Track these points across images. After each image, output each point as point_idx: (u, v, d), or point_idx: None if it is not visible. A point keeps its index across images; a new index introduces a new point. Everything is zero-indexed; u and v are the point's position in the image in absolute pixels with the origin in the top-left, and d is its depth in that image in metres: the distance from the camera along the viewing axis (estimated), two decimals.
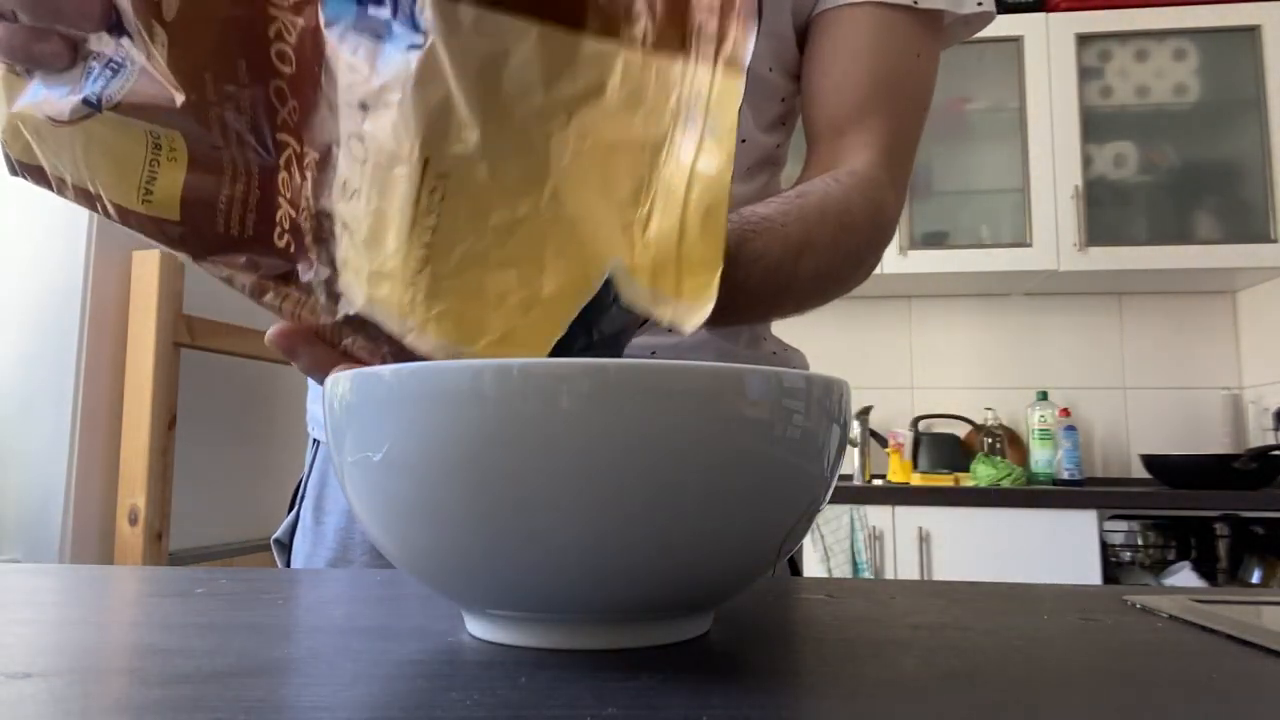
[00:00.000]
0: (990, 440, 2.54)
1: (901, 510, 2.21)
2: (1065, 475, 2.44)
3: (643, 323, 0.34)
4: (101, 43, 0.35)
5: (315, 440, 0.73)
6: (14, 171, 0.39)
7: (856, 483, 2.48)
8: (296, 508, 0.72)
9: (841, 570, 2.19)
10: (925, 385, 2.79)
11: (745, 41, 0.27)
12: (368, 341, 0.34)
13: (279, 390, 1.72)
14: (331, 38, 0.30)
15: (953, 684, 0.26)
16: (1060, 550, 2.13)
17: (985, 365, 2.77)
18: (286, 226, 0.35)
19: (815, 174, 0.60)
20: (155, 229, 0.36)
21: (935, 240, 2.54)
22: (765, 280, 0.48)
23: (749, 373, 0.27)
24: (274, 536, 0.72)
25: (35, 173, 0.38)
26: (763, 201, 0.52)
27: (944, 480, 2.39)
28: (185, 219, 0.36)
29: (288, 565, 0.71)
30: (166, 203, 0.36)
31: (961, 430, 2.68)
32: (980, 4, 0.65)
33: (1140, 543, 2.37)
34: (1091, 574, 2.12)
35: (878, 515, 2.21)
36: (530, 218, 0.30)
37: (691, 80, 0.28)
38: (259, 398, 1.67)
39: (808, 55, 0.65)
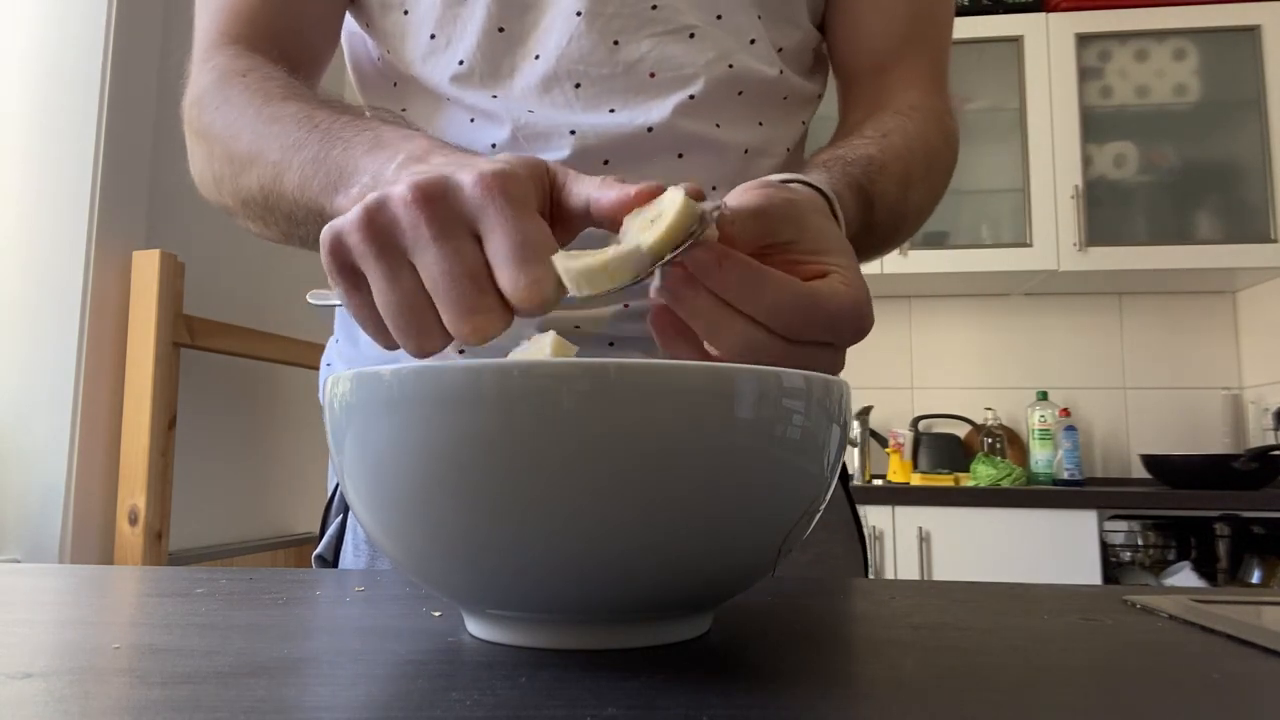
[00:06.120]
0: (990, 440, 2.53)
1: (901, 510, 2.21)
2: (1065, 475, 2.44)
3: None
4: None
5: None
6: None
7: (856, 483, 2.48)
8: (337, 520, 0.66)
9: None
10: (925, 385, 2.78)
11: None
12: None
13: (279, 390, 1.72)
14: None
15: (953, 684, 0.26)
16: (1060, 550, 2.13)
17: (985, 365, 2.77)
18: None
19: (860, 112, 0.64)
20: None
21: (935, 240, 2.54)
22: (888, 217, 0.54)
23: (748, 372, 0.27)
24: (315, 553, 0.66)
25: None
26: (853, 144, 0.56)
27: (944, 480, 2.39)
28: None
29: None
30: None
31: (961, 430, 2.68)
32: None
33: (1140, 543, 2.37)
34: (1091, 574, 2.11)
35: (878, 515, 2.21)
36: None
37: None
38: (259, 398, 1.67)
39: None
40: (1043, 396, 2.58)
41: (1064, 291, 2.71)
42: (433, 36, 0.60)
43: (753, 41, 0.62)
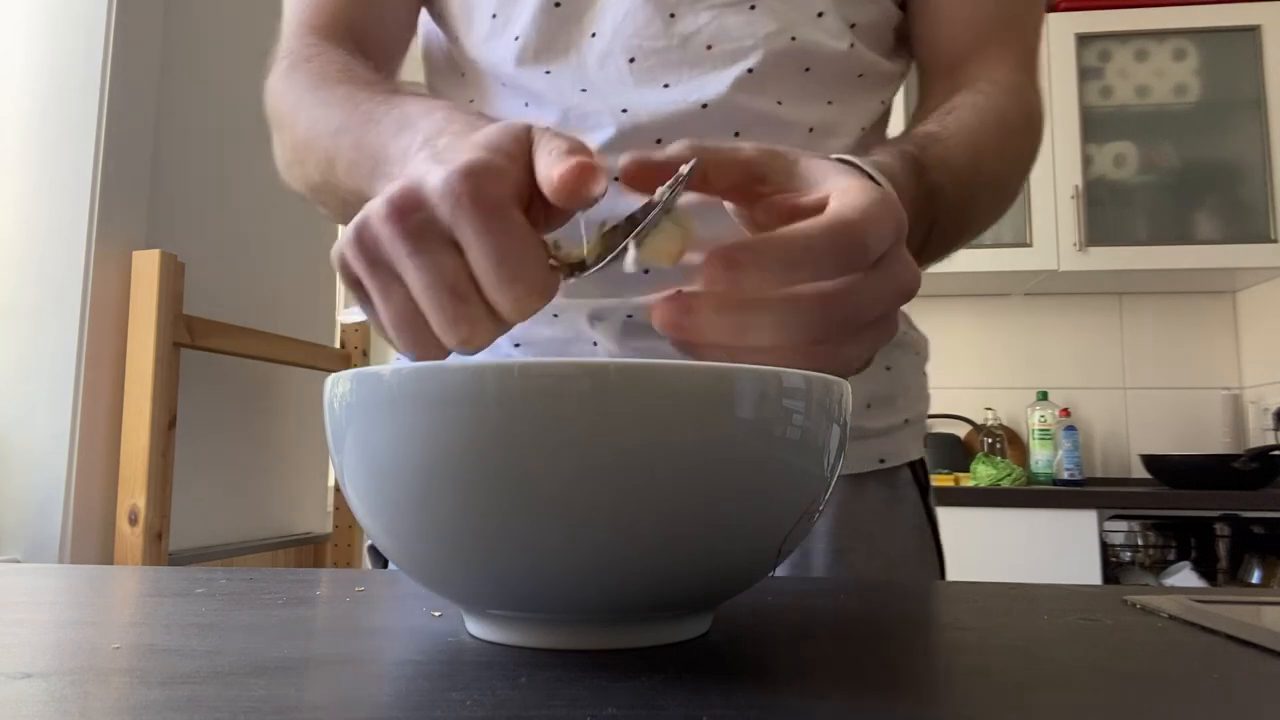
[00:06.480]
0: (990, 440, 2.53)
1: None
2: (1065, 475, 2.44)
3: None
4: None
5: None
6: None
7: None
8: None
9: None
10: None
11: None
12: None
13: (279, 390, 1.72)
14: None
15: (953, 684, 0.26)
16: (1060, 550, 2.13)
17: (985, 365, 2.77)
18: None
19: (941, 97, 0.60)
20: None
21: None
22: (955, 189, 0.49)
23: (748, 373, 0.27)
24: (369, 543, 0.66)
25: None
26: (913, 129, 0.53)
27: (944, 480, 2.39)
28: None
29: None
30: None
31: (961, 430, 2.68)
32: None
33: (1140, 543, 2.37)
34: (1091, 574, 2.11)
35: None
36: None
37: None
38: (259, 398, 1.67)
39: None
40: (1043, 396, 2.58)
41: (1064, 291, 2.71)
42: (494, 16, 0.61)
43: (820, 14, 0.59)
